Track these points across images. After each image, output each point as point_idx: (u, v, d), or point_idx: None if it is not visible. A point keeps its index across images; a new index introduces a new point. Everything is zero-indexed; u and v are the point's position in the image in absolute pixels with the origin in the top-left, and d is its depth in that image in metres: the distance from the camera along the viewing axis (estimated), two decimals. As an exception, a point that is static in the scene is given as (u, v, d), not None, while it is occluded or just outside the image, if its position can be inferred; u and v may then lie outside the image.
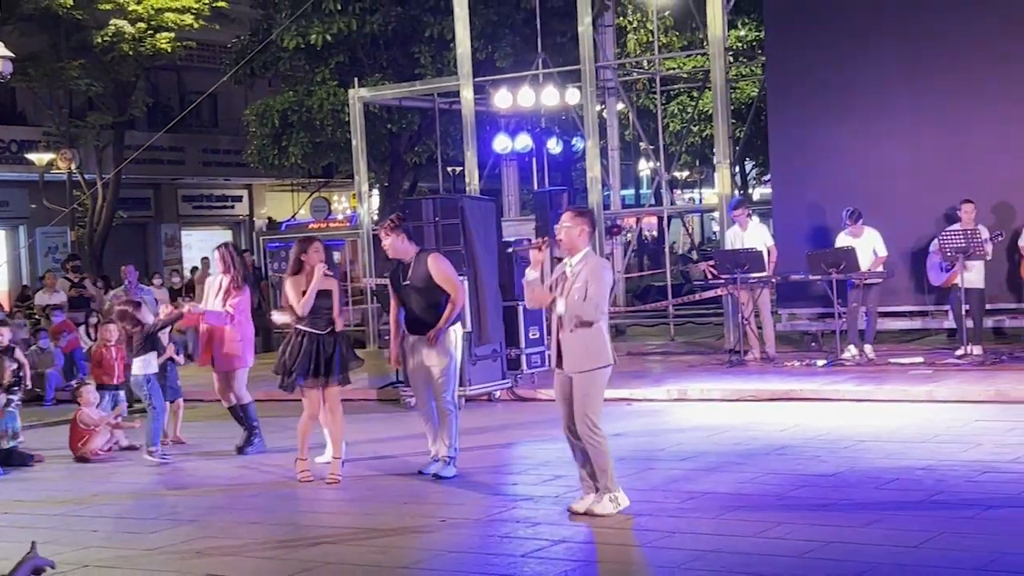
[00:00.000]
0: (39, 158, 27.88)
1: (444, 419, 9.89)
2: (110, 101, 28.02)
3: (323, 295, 9.95)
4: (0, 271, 28.40)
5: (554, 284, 8.21)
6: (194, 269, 26.15)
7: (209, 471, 11.09)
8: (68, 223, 28.31)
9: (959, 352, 14.69)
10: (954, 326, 15.42)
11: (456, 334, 9.96)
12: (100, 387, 12.89)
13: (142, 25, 26.13)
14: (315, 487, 9.99)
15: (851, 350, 15.01)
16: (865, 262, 14.88)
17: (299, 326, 9.93)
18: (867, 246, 15.03)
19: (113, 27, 25.77)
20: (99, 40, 25.82)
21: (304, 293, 9.84)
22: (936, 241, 14.87)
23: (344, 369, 10.05)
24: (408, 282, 9.85)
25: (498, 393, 14.34)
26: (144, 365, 11.39)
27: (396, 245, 9.89)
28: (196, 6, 26.93)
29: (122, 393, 12.77)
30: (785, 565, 6.82)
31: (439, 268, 9.87)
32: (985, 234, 14.56)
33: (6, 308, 22.18)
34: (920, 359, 14.79)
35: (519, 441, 11.73)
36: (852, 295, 15.05)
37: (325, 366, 9.90)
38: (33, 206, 30.32)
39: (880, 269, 15.10)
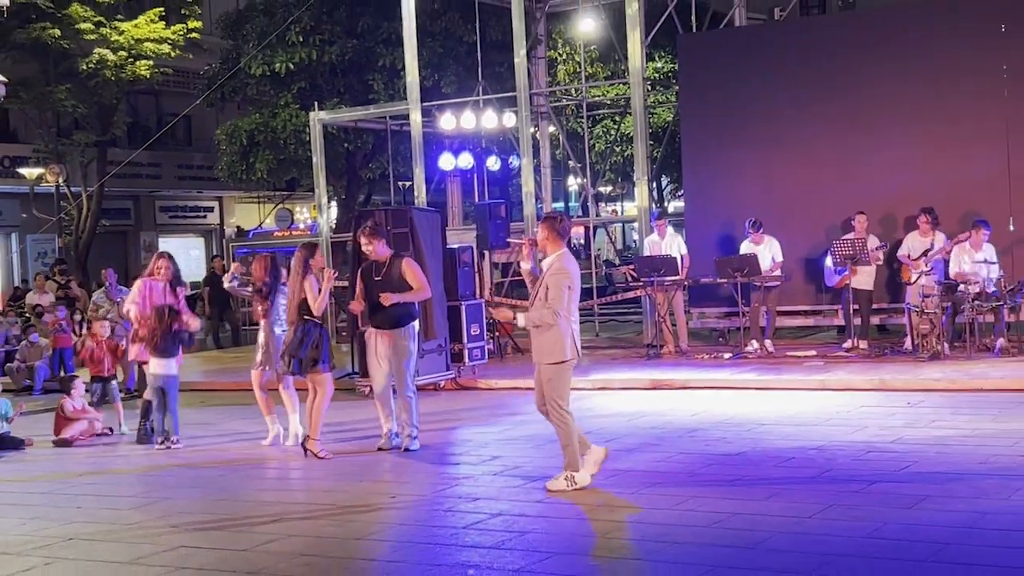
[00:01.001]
0: (30, 172, 27.62)
1: (406, 403, 10.00)
2: (94, 121, 27.73)
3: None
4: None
5: (533, 282, 8.39)
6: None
7: (179, 454, 10.93)
8: (56, 231, 28.10)
9: (847, 346, 14.92)
10: (843, 323, 15.61)
11: (415, 330, 10.12)
12: (94, 379, 12.81)
13: (123, 54, 25.90)
14: (274, 467, 10.02)
15: (753, 344, 15.19)
16: (765, 267, 15.08)
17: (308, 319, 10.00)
18: (767, 253, 15.21)
19: (97, 55, 25.55)
20: (84, 67, 25.56)
21: (320, 292, 9.93)
22: (831, 248, 15.06)
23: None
24: (380, 279, 9.89)
25: (443, 383, 14.36)
26: (166, 366, 11.09)
27: (376, 248, 10.02)
28: (172, 37, 26.71)
29: (114, 383, 12.68)
30: (696, 533, 6.88)
31: (413, 270, 10.04)
32: (874, 243, 14.81)
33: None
34: (814, 352, 14.94)
35: (461, 426, 11.72)
36: (754, 296, 15.22)
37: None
38: (24, 215, 30.05)
39: (778, 273, 15.28)
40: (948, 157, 15.44)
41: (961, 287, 13.89)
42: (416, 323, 10.25)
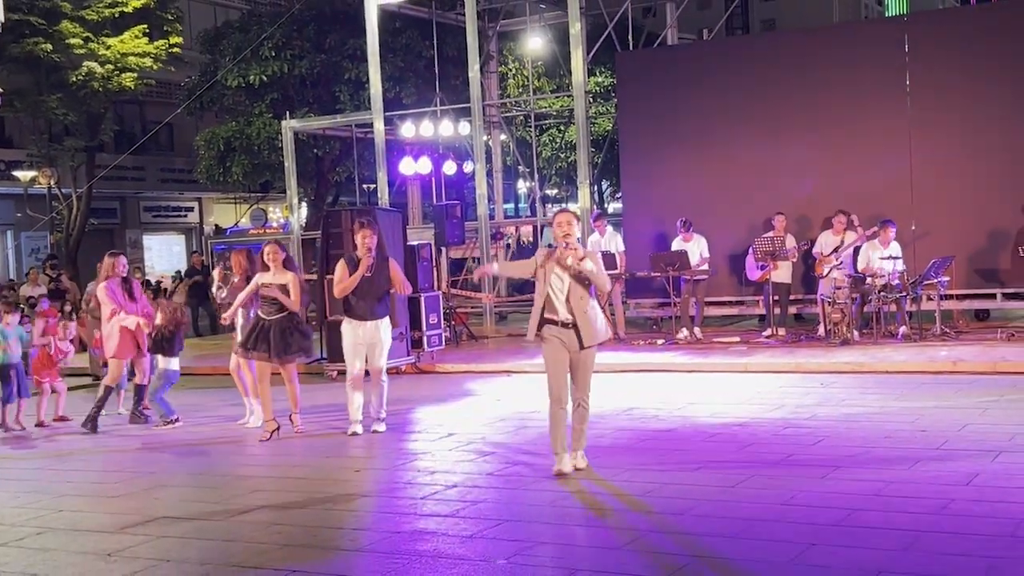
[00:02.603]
0: (24, 175, 27.50)
1: (380, 388, 9.96)
2: (83, 128, 27.45)
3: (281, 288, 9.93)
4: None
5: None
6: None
7: (166, 435, 10.83)
8: (48, 229, 28.06)
9: (767, 333, 15.05)
10: (764, 312, 15.74)
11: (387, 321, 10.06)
12: (105, 364, 12.42)
13: (110, 66, 25.71)
14: (251, 445, 9.97)
15: (684, 332, 15.26)
16: (694, 262, 15.16)
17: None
18: (696, 249, 15.31)
19: (86, 68, 25.35)
20: (74, 78, 25.32)
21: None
22: (752, 245, 15.19)
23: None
24: (369, 275, 9.73)
25: (404, 367, 14.33)
26: (169, 363, 10.95)
27: (372, 242, 9.82)
28: (155, 51, 26.49)
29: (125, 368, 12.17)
30: (631, 501, 6.93)
31: (397, 272, 9.99)
32: (792, 242, 14.95)
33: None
34: (737, 339, 15.06)
35: (420, 406, 11.67)
36: (684, 288, 15.31)
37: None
38: (19, 215, 29.80)
39: (705, 268, 15.39)
40: (857, 164, 15.61)
41: (868, 280, 14.05)
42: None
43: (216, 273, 12.57)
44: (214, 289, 11.79)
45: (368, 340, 9.84)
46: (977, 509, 6.26)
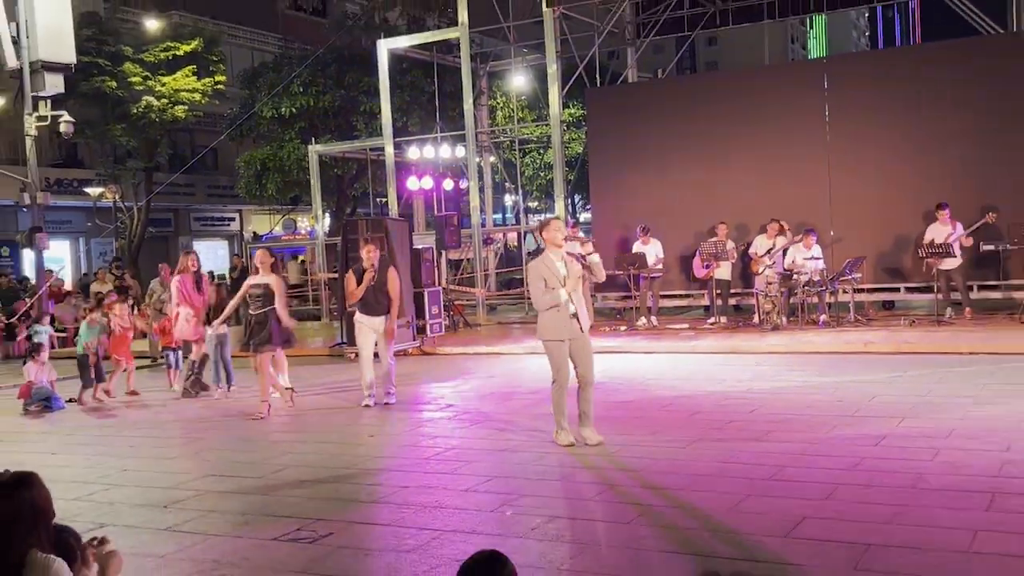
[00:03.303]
0: (93, 191, 27.45)
1: (387, 369, 9.91)
2: (142, 152, 27.33)
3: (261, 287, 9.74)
4: (67, 268, 27.97)
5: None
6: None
7: (215, 407, 10.85)
8: (113, 236, 27.99)
9: (711, 321, 15.07)
10: (708, 304, 15.73)
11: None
12: (164, 348, 12.44)
13: (165, 100, 25.56)
14: (282, 415, 9.93)
15: (642, 320, 15.29)
16: (651, 262, 15.15)
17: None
18: (652, 252, 15.30)
19: (145, 101, 25.23)
20: (135, 110, 25.20)
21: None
22: (699, 248, 15.22)
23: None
24: (373, 284, 9.76)
25: (410, 350, 14.34)
26: (217, 328, 10.95)
27: (375, 257, 9.88)
28: (202, 87, 26.35)
29: (181, 353, 12.09)
30: (601, 460, 6.94)
31: (393, 283, 9.91)
32: (731, 245, 14.97)
33: (73, 292, 21.84)
34: (686, 326, 15.06)
35: (423, 382, 11.68)
36: (643, 284, 15.30)
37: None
38: (89, 224, 29.69)
39: (660, 267, 15.39)
40: (785, 180, 15.65)
41: (795, 276, 14.09)
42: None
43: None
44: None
45: (375, 330, 9.84)
46: (884, 465, 6.29)
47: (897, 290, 15.33)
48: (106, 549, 3.38)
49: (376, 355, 9.97)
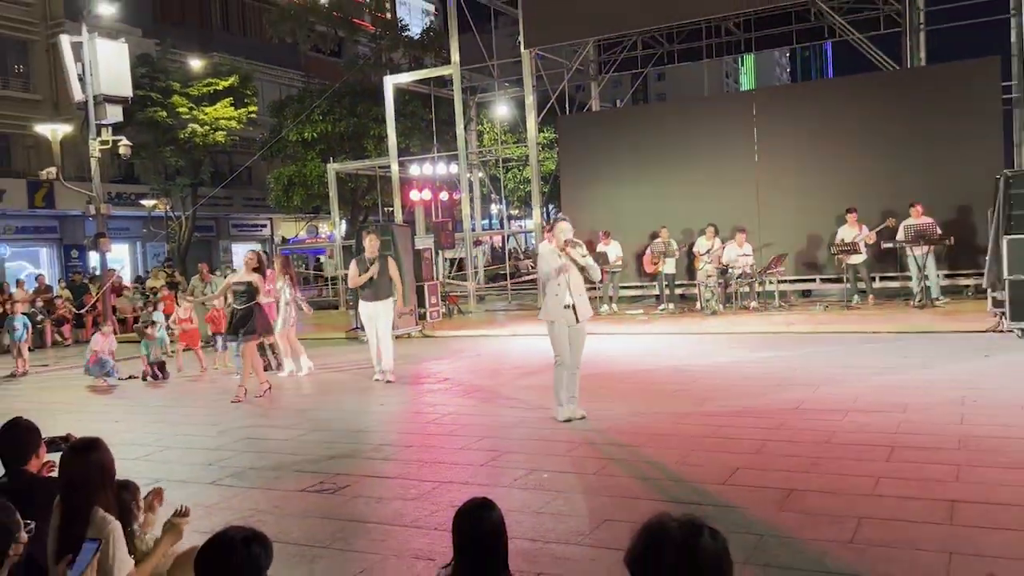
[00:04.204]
0: (147, 203, 27.18)
1: (387, 349, 9.79)
2: (189, 170, 27.08)
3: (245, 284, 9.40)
4: (126, 268, 27.86)
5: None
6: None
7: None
8: (164, 240, 27.58)
9: (661, 307, 15.09)
10: (658, 294, 15.75)
11: (393, 301, 9.94)
12: (214, 334, 12.25)
13: (207, 127, 25.37)
14: (306, 387, 9.85)
15: (604, 307, 15.26)
16: (612, 260, 15.10)
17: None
18: (613, 251, 15.27)
19: (190, 128, 25.04)
20: (181, 135, 25.01)
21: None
22: (649, 247, 15.24)
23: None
24: (375, 276, 9.67)
25: (413, 333, 14.30)
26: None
27: (377, 245, 9.85)
28: (238, 116, 26.16)
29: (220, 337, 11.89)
30: (571, 424, 6.92)
31: (393, 268, 9.86)
32: (674, 244, 14.99)
33: (129, 288, 21.58)
34: (641, 311, 15.04)
35: (425, 361, 11.62)
36: (605, 279, 15.32)
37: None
38: (144, 230, 29.37)
39: (619, 263, 15.40)
40: (721, 192, 15.65)
41: (730, 270, 14.13)
42: (392, 298, 10.03)
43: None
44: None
45: (375, 314, 9.78)
46: (803, 425, 6.32)
47: (813, 280, 15.40)
48: (183, 523, 3.24)
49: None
